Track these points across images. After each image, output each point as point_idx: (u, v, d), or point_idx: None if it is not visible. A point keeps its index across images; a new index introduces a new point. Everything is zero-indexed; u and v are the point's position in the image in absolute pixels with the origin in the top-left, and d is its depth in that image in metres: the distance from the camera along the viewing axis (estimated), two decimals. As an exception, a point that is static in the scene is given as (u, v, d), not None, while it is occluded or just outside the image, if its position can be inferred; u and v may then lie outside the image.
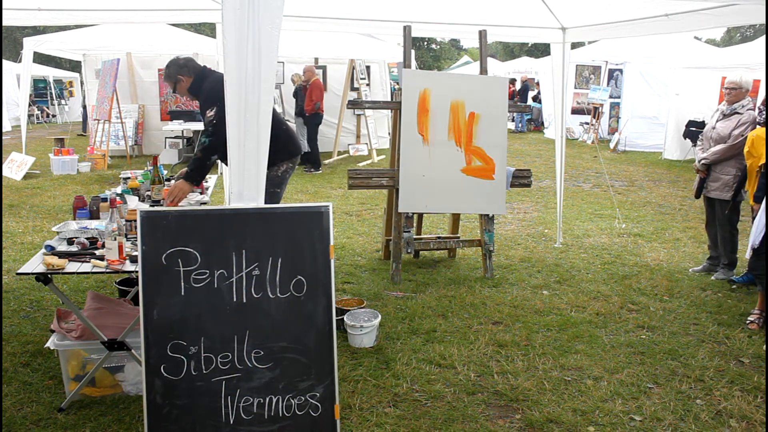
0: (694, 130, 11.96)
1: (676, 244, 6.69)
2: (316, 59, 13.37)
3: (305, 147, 11.82)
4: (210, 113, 4.09)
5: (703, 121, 11.87)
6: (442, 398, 3.46)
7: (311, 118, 11.50)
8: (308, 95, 11.55)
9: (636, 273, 5.66)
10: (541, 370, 3.78)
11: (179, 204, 4.06)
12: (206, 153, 4.10)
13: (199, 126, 11.66)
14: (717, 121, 5.45)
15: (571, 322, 4.51)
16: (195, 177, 4.17)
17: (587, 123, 16.27)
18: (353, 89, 12.51)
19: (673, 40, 13.83)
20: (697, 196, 5.65)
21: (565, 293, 5.11)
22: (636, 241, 6.80)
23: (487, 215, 5.50)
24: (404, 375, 3.69)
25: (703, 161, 5.45)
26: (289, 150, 4.46)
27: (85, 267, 3.16)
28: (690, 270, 5.74)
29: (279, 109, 11.27)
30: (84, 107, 17.47)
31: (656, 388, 3.60)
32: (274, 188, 4.31)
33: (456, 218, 6.09)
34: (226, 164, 4.30)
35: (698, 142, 5.71)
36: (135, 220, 3.26)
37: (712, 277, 5.52)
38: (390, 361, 3.86)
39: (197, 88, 4.33)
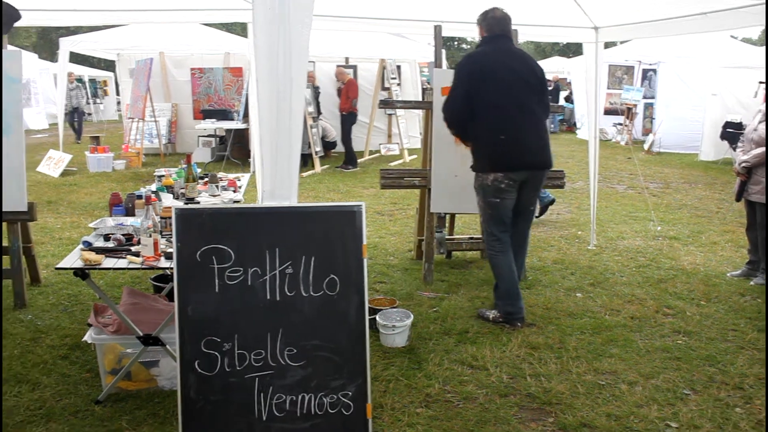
0: (731, 131, 11.69)
1: (713, 247, 6.54)
2: (347, 59, 13.40)
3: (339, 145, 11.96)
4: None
5: (741, 122, 11.59)
6: (474, 400, 3.43)
7: (347, 117, 11.56)
8: (344, 94, 11.59)
9: (672, 277, 5.54)
10: (574, 374, 3.72)
11: None
12: (447, 126, 4.47)
13: (231, 125, 11.79)
14: (759, 122, 5.30)
15: (605, 325, 4.44)
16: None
17: (620, 124, 16.01)
18: (384, 89, 12.51)
19: (709, 38, 13.51)
20: (738, 199, 5.51)
21: (599, 296, 5.03)
22: (672, 244, 6.66)
23: (519, 216, 5.43)
24: (436, 375, 3.67)
25: (743, 164, 5.32)
26: (504, 162, 4.33)
27: (122, 263, 3.20)
28: (728, 274, 5.60)
29: (310, 109, 11.29)
30: (75, 110, 16.65)
31: (693, 394, 3.52)
32: (488, 197, 4.40)
33: (487, 219, 6.03)
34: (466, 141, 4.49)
35: (739, 144, 5.57)
36: (170, 218, 3.30)
37: (751, 282, 5.37)
38: (422, 362, 3.84)
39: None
